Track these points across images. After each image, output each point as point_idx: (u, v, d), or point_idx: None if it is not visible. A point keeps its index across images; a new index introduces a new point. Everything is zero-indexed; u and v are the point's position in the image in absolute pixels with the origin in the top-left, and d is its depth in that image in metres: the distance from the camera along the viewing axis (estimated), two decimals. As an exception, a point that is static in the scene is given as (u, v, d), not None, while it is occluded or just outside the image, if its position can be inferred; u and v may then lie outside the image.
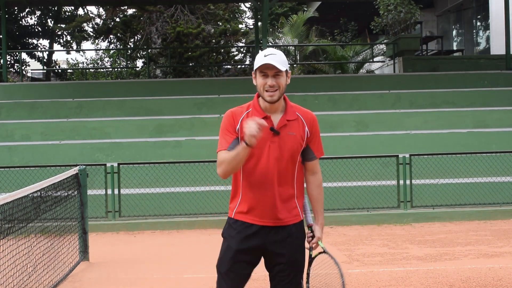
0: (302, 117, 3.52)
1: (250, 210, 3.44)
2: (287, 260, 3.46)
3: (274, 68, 3.36)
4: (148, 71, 21.47)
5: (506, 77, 16.51)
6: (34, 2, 20.94)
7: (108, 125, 13.71)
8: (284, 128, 3.44)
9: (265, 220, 3.43)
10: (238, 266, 3.44)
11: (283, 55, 3.43)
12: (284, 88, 3.42)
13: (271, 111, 3.45)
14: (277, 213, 3.42)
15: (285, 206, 3.45)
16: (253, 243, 3.43)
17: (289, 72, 3.49)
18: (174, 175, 10.82)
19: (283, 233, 3.45)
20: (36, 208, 6.06)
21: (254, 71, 3.45)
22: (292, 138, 3.44)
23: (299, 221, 3.52)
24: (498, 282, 6.23)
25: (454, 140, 12.61)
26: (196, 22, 23.48)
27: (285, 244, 3.46)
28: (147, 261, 7.82)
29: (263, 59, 3.35)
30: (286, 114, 3.47)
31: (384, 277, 6.54)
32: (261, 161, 3.41)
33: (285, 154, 3.42)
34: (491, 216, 10.53)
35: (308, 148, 3.54)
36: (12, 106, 14.95)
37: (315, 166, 3.60)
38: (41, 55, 24.99)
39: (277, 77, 3.38)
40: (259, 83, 3.41)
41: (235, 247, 3.43)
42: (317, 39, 25.49)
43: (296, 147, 3.46)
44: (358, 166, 11.10)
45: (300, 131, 3.48)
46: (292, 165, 3.47)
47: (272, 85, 3.37)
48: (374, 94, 15.30)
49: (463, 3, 23.07)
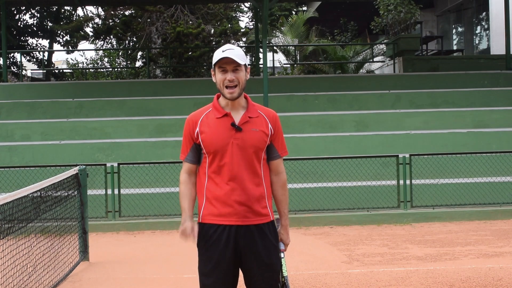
0: (265, 114, 3.50)
1: (218, 211, 3.37)
2: (262, 261, 3.39)
3: (233, 62, 3.34)
4: (148, 71, 21.47)
5: (506, 77, 16.52)
6: (34, 2, 20.94)
7: (108, 125, 13.71)
8: (247, 124, 3.41)
9: (235, 219, 3.36)
10: (226, 274, 3.37)
11: (241, 50, 3.42)
12: (244, 83, 3.41)
13: (232, 108, 3.43)
14: (247, 210, 3.36)
15: (256, 204, 3.39)
16: (230, 245, 3.35)
17: (248, 68, 3.48)
18: (174, 175, 10.81)
19: (255, 232, 3.38)
20: (36, 208, 6.06)
21: (213, 68, 3.43)
22: (255, 134, 3.41)
23: (270, 221, 3.47)
24: (498, 282, 6.23)
25: (454, 140, 12.61)
26: (196, 22, 23.49)
27: (258, 245, 3.38)
28: (147, 261, 7.82)
29: (221, 54, 3.34)
30: (248, 111, 3.45)
31: (384, 277, 6.53)
32: (225, 159, 3.36)
33: (249, 150, 3.38)
34: (491, 216, 10.53)
35: (272, 146, 3.51)
36: (12, 106, 14.95)
37: (279, 165, 3.55)
38: (40, 56, 25.02)
39: (236, 72, 3.37)
40: (218, 80, 3.39)
41: (216, 258, 3.35)
42: (317, 39, 25.48)
43: (260, 143, 3.42)
44: (358, 166, 11.10)
45: (264, 127, 3.45)
46: (258, 162, 3.42)
47: (231, 80, 3.35)
48: (374, 94, 15.30)
49: (463, 3, 23.06)
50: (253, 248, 3.38)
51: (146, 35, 24.12)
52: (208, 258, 3.38)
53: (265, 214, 3.44)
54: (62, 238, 7.13)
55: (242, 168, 3.36)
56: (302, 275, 6.67)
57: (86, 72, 24.56)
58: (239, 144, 3.37)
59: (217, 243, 3.36)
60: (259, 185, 3.43)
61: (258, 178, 3.43)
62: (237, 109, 3.44)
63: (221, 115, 3.41)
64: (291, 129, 13.02)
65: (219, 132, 3.38)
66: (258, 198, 3.41)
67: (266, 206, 3.46)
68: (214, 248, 3.37)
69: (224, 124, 3.40)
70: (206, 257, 3.39)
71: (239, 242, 3.37)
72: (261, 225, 3.41)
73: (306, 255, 7.84)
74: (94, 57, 29.23)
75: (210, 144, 3.38)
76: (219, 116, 3.41)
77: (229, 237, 3.36)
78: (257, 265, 3.38)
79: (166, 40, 23.80)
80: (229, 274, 3.38)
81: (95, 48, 28.84)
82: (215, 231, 3.38)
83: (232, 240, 3.36)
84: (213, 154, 3.38)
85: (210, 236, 3.38)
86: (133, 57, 26.58)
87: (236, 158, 3.36)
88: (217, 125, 3.40)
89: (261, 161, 3.45)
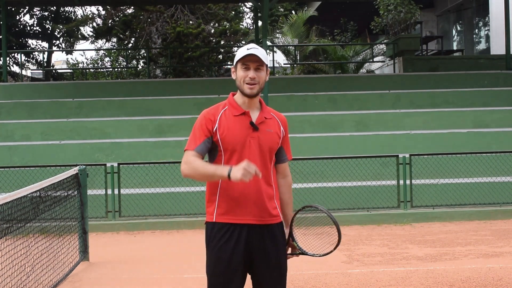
0: (277, 117, 3.51)
1: (233, 210, 3.34)
2: (270, 262, 3.37)
3: (258, 61, 3.35)
4: (148, 71, 21.47)
5: (506, 77, 16.52)
6: (34, 2, 20.94)
7: (108, 125, 13.71)
8: (262, 124, 3.41)
9: (249, 218, 3.34)
10: (235, 275, 3.35)
11: (264, 51, 3.43)
12: (263, 84, 3.41)
13: (248, 107, 3.42)
14: (261, 210, 3.35)
15: (268, 204, 3.39)
16: (241, 245, 3.32)
17: (268, 70, 3.48)
18: (174, 175, 10.81)
19: (266, 232, 3.37)
20: (35, 208, 6.05)
21: (235, 65, 3.42)
22: (270, 135, 3.41)
23: (280, 222, 3.47)
24: (498, 282, 6.23)
25: (454, 140, 12.61)
26: (196, 22, 23.49)
27: (268, 245, 3.37)
28: (147, 261, 7.82)
29: (246, 51, 3.34)
30: (262, 112, 3.45)
31: (384, 277, 6.53)
32: (242, 157, 3.32)
33: (265, 150, 3.38)
34: (491, 216, 10.53)
35: (281, 149, 3.52)
36: (12, 106, 14.96)
37: (286, 168, 3.58)
38: (40, 57, 25.00)
39: (258, 71, 3.37)
40: (239, 76, 3.37)
41: (227, 258, 3.32)
42: (317, 38, 25.48)
43: (274, 144, 3.43)
44: (358, 166, 11.10)
45: (277, 129, 3.46)
46: (270, 163, 3.44)
47: (253, 77, 3.34)
48: (374, 94, 15.31)
49: (463, 3, 23.07)
50: (264, 248, 3.37)
51: (146, 35, 24.12)
52: (219, 258, 3.35)
53: (275, 214, 3.44)
54: (62, 238, 7.13)
55: (258, 167, 3.29)
56: (302, 275, 6.67)
57: (86, 72, 24.57)
58: (255, 142, 3.36)
59: (229, 242, 3.33)
60: (271, 186, 3.44)
61: (270, 179, 3.44)
62: (253, 109, 3.44)
63: (239, 113, 3.39)
64: (291, 129, 12.81)
65: (238, 129, 3.36)
66: (270, 198, 3.41)
67: (276, 207, 3.46)
68: (225, 248, 3.33)
69: (243, 122, 3.38)
70: (217, 257, 3.36)
71: (250, 242, 3.35)
72: (272, 226, 3.41)
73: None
74: (94, 57, 29.24)
75: (228, 141, 3.34)
76: (237, 114, 3.39)
77: (240, 237, 3.33)
78: (266, 265, 3.37)
79: (166, 40, 23.81)
80: (238, 275, 3.35)
81: (95, 48, 28.86)
82: (228, 230, 3.34)
83: (244, 239, 3.34)
84: (230, 151, 3.35)
85: (222, 235, 3.35)
86: (133, 56, 26.56)
87: (252, 157, 3.34)
88: (236, 123, 3.37)
89: (272, 163, 3.46)
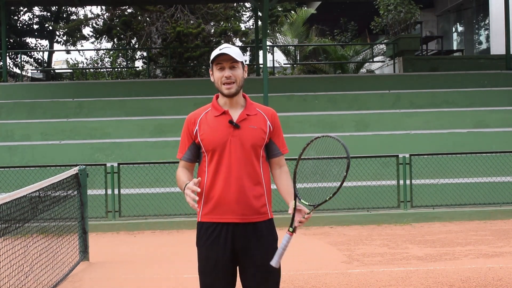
0: (263, 112, 3.51)
1: (215, 209, 3.37)
2: (256, 262, 3.37)
3: (230, 59, 3.36)
4: (148, 71, 21.46)
5: (506, 77, 16.51)
6: (34, 2, 20.93)
7: (108, 125, 13.71)
8: (245, 121, 3.42)
9: (231, 217, 3.35)
10: (224, 273, 3.37)
11: (238, 49, 3.44)
12: (241, 81, 3.42)
13: (230, 107, 3.45)
14: (244, 208, 3.36)
15: (254, 202, 3.39)
16: (228, 244, 3.35)
17: (246, 66, 3.49)
18: (174, 175, 10.75)
19: (251, 231, 3.37)
20: (34, 208, 6.05)
21: (211, 67, 3.45)
22: (253, 132, 3.42)
23: (268, 219, 3.46)
24: (498, 282, 6.23)
25: (454, 140, 12.61)
26: (196, 22, 23.48)
27: (253, 244, 3.37)
28: (147, 261, 7.82)
29: (219, 51, 3.38)
30: (246, 109, 3.47)
31: (384, 277, 6.53)
32: (223, 156, 3.37)
33: (248, 147, 3.39)
34: (491, 216, 10.52)
35: (272, 144, 3.51)
36: (12, 106, 14.95)
37: (281, 160, 3.57)
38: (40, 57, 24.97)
39: (234, 69, 3.39)
40: (216, 77, 3.41)
41: (215, 256, 3.36)
42: (317, 38, 25.48)
43: (258, 140, 3.42)
44: (358, 166, 11.09)
45: (262, 125, 3.46)
46: (257, 160, 3.43)
47: (228, 76, 3.36)
48: (374, 94, 15.30)
49: (463, 3, 23.07)
50: (249, 248, 3.37)
51: (146, 35, 24.11)
52: (207, 257, 3.39)
53: (263, 212, 3.43)
54: (62, 238, 7.13)
55: (241, 166, 3.36)
56: (302, 275, 6.67)
57: (86, 72, 24.57)
58: (236, 141, 3.38)
59: (216, 242, 3.37)
60: (258, 183, 3.43)
61: (257, 176, 3.42)
62: (236, 107, 3.46)
63: (219, 113, 3.43)
64: (291, 129, 13.01)
65: (218, 129, 3.40)
66: (256, 196, 3.41)
67: (265, 204, 3.45)
68: (212, 247, 3.37)
69: (222, 122, 3.41)
70: (205, 256, 3.40)
71: (236, 240, 3.37)
72: (258, 224, 3.41)
73: (306, 255, 7.84)
74: (94, 57, 29.22)
75: (208, 142, 3.40)
76: (217, 114, 3.43)
77: (227, 236, 3.36)
78: (251, 265, 3.37)
79: (166, 40, 23.79)
80: (227, 273, 3.38)
81: (95, 48, 28.84)
82: (214, 230, 3.38)
83: (230, 238, 3.36)
84: (212, 152, 3.39)
85: (209, 235, 3.39)
86: (132, 58, 26.55)
87: (234, 155, 3.37)
88: (216, 123, 3.42)
89: (260, 159, 3.45)
